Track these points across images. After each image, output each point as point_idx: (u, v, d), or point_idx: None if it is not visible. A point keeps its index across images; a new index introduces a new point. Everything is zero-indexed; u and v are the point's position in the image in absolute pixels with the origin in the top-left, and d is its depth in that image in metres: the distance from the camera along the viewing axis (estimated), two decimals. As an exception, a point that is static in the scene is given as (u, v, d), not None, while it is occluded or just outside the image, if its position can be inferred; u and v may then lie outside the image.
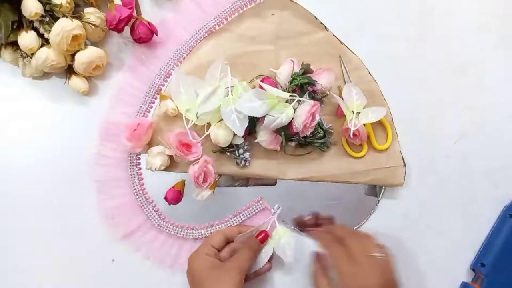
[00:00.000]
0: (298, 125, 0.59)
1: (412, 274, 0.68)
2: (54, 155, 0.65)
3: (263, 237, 0.62)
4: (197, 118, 0.60)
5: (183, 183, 0.64)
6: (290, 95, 0.59)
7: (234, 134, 0.62)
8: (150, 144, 0.64)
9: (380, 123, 0.66)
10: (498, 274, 0.66)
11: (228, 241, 0.63)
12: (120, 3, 0.62)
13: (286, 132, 0.61)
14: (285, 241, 0.63)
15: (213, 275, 0.57)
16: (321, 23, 0.65)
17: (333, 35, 0.65)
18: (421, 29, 0.69)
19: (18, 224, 0.65)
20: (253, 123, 0.61)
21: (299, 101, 0.60)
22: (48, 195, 0.65)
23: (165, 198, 0.63)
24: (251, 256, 0.60)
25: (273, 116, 0.58)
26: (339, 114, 0.64)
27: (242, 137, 0.62)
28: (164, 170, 0.63)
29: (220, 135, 0.60)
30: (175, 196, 0.63)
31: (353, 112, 0.62)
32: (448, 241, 0.69)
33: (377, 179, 0.66)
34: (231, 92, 0.59)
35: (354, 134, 0.61)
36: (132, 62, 0.66)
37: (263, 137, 0.61)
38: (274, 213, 0.65)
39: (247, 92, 0.59)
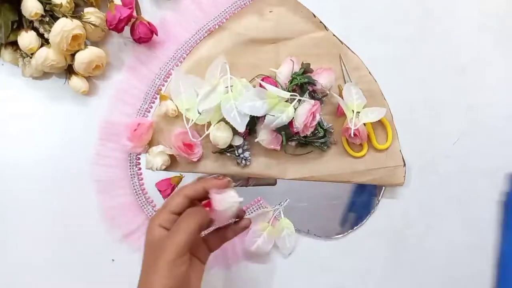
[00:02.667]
0: (298, 125, 0.59)
1: (411, 273, 0.68)
2: (54, 155, 0.65)
3: (208, 203, 0.51)
4: (199, 114, 0.60)
5: (179, 178, 0.64)
6: (290, 95, 0.59)
7: (234, 134, 0.62)
8: (150, 144, 0.64)
9: (380, 123, 0.66)
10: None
11: (196, 201, 0.53)
12: (120, 3, 0.62)
13: (286, 131, 0.61)
14: (287, 233, 0.65)
15: (150, 255, 0.49)
16: (320, 22, 0.65)
17: (333, 34, 0.65)
18: (421, 29, 0.69)
19: (18, 224, 0.65)
20: (253, 122, 0.61)
21: (299, 100, 0.60)
22: (48, 195, 0.65)
23: (156, 185, 0.63)
24: (191, 226, 0.48)
25: (273, 115, 0.58)
26: (339, 113, 0.64)
27: (242, 137, 0.63)
28: (165, 169, 0.63)
29: (219, 137, 0.60)
30: (165, 187, 0.63)
31: (353, 111, 0.62)
32: (447, 241, 0.69)
33: (377, 179, 0.66)
34: (231, 90, 0.59)
35: (354, 134, 0.61)
36: (132, 62, 0.66)
37: (263, 136, 0.61)
38: (280, 204, 0.66)
39: (247, 89, 0.59)
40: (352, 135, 0.61)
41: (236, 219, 0.56)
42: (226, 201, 0.50)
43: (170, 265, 0.46)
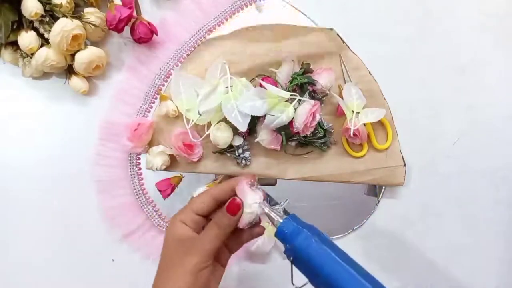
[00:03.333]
0: (298, 125, 0.59)
1: (411, 273, 0.68)
2: (54, 155, 0.65)
3: (233, 208, 0.50)
4: (199, 115, 0.60)
5: (179, 178, 0.64)
6: (290, 95, 0.59)
7: (234, 134, 0.62)
8: (150, 144, 0.64)
9: (380, 123, 0.66)
10: None
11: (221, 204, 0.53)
12: (120, 3, 0.62)
13: (286, 131, 0.61)
14: None
15: (173, 253, 0.50)
16: (321, 22, 0.65)
17: (337, 34, 0.65)
18: (421, 29, 0.69)
19: (18, 224, 0.65)
20: (254, 122, 0.61)
21: (299, 100, 0.60)
22: (48, 195, 0.65)
23: (156, 185, 0.63)
24: (218, 235, 0.50)
25: (273, 115, 0.58)
26: (339, 113, 0.64)
27: (242, 137, 0.63)
28: (165, 169, 0.63)
29: (219, 137, 0.60)
30: (165, 187, 0.63)
31: (353, 111, 0.63)
32: (447, 241, 0.69)
33: (377, 179, 0.66)
34: (231, 90, 0.59)
35: (354, 134, 0.61)
36: (132, 62, 0.66)
37: (263, 136, 0.61)
38: (280, 204, 0.66)
39: (248, 88, 0.59)
40: (351, 135, 0.61)
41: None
42: (251, 201, 0.51)
43: (196, 269, 0.48)
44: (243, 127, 0.58)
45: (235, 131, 0.61)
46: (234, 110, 0.58)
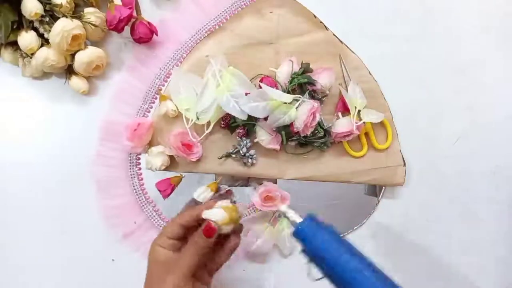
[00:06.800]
0: (299, 125, 0.59)
1: (411, 273, 0.68)
2: (54, 155, 0.65)
3: (209, 232, 0.53)
4: (197, 118, 0.60)
5: (179, 178, 0.64)
6: (293, 98, 0.59)
7: (231, 134, 0.62)
8: (150, 144, 0.64)
9: (380, 123, 0.66)
10: None
11: (189, 228, 0.56)
12: (120, 3, 0.62)
13: (286, 131, 0.61)
14: (287, 233, 0.65)
15: (155, 274, 0.54)
16: (321, 21, 0.65)
17: (333, 34, 0.65)
18: (421, 29, 0.69)
19: (18, 224, 0.65)
20: (253, 123, 0.61)
21: (299, 100, 0.60)
22: (48, 195, 0.65)
23: (156, 185, 0.63)
24: (195, 253, 0.53)
25: (275, 117, 0.59)
26: (339, 110, 0.64)
27: (240, 137, 0.63)
28: (165, 170, 0.63)
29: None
30: (165, 187, 0.63)
31: (355, 108, 0.63)
32: (447, 241, 0.69)
33: (377, 179, 0.66)
34: (222, 82, 0.59)
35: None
36: (132, 62, 0.66)
37: (263, 136, 0.61)
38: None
39: (236, 76, 0.59)
40: (355, 130, 0.62)
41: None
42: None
43: (177, 287, 0.51)
44: (243, 116, 0.58)
45: (233, 132, 0.61)
46: (231, 101, 0.58)
